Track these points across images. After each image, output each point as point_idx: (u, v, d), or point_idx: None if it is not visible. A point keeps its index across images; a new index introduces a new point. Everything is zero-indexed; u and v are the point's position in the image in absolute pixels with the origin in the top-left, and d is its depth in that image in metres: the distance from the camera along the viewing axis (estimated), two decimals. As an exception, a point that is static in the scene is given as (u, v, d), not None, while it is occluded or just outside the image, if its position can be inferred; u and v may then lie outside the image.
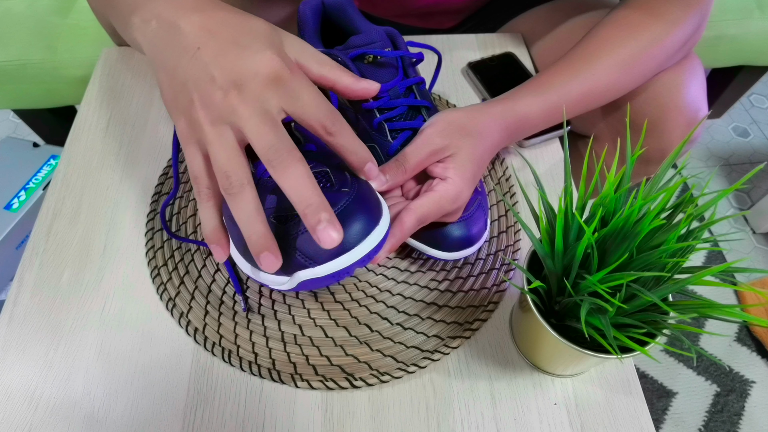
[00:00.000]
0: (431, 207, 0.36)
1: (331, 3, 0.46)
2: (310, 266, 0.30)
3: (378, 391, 0.39)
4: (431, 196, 0.37)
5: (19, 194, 0.94)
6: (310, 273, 0.30)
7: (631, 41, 0.46)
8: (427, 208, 0.36)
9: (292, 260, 0.30)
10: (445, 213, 0.38)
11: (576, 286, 0.32)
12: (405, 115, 0.42)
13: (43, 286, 0.43)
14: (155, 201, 0.48)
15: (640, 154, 0.57)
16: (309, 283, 0.31)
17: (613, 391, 0.40)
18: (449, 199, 0.37)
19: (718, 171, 1.25)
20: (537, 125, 0.44)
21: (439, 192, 0.37)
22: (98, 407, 0.38)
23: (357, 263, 0.31)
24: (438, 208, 0.37)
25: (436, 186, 0.37)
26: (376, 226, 0.31)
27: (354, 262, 0.30)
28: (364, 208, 0.31)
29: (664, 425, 0.91)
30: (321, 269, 0.30)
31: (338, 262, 0.30)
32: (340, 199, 0.31)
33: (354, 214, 0.31)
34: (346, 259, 0.30)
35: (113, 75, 0.58)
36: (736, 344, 1.00)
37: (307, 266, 0.30)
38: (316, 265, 0.30)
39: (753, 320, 0.27)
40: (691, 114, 0.52)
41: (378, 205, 0.33)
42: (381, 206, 0.33)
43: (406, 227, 0.36)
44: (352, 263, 0.30)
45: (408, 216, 0.36)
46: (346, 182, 0.33)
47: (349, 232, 0.30)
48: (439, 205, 0.37)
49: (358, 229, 0.30)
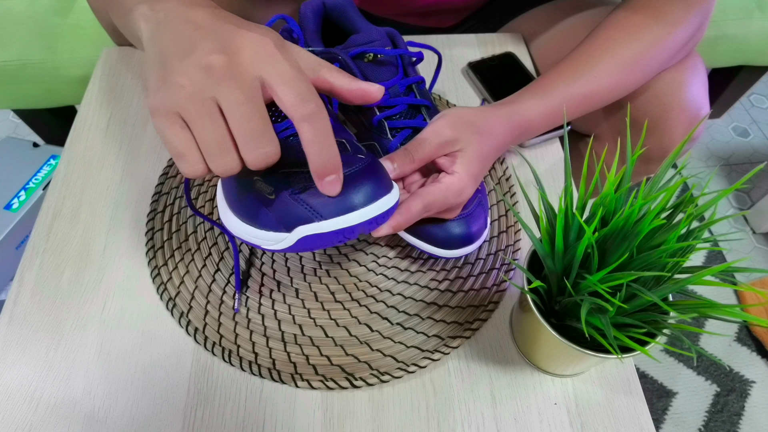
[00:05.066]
0: (437, 196, 0.37)
1: (332, 4, 0.46)
2: (315, 220, 0.30)
3: (378, 391, 0.39)
4: (438, 186, 0.37)
5: (19, 194, 0.94)
6: (314, 228, 0.30)
7: (633, 42, 0.46)
8: (433, 196, 0.36)
9: (296, 214, 0.30)
10: (449, 206, 0.38)
11: (576, 285, 0.32)
12: (405, 113, 0.42)
13: (43, 286, 0.43)
14: (155, 201, 0.48)
15: (641, 153, 0.57)
16: (309, 240, 0.30)
17: (613, 391, 0.40)
18: (454, 192, 0.37)
19: (718, 171, 1.25)
20: (540, 128, 0.45)
21: (446, 184, 0.37)
22: (98, 407, 0.38)
23: (362, 224, 0.30)
24: (443, 199, 0.37)
25: (442, 178, 0.38)
26: (386, 193, 0.31)
27: (360, 222, 0.30)
28: (376, 174, 0.31)
29: (664, 425, 0.91)
30: (326, 224, 0.30)
31: (345, 218, 0.30)
32: (355, 162, 0.31)
33: (366, 176, 0.31)
34: (352, 218, 0.30)
35: (113, 75, 0.58)
36: (736, 344, 1.00)
37: (312, 220, 0.30)
38: (321, 220, 0.30)
39: (753, 320, 0.27)
40: (692, 113, 0.52)
41: (389, 178, 0.33)
42: (391, 181, 0.34)
43: (412, 209, 0.36)
44: (358, 223, 0.30)
45: (414, 200, 0.36)
46: (362, 151, 0.33)
47: (359, 192, 0.30)
48: (445, 197, 0.37)
49: (368, 191, 0.30)
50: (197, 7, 0.31)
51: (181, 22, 0.30)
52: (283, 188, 0.31)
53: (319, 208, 0.30)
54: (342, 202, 0.30)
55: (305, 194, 0.30)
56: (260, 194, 0.32)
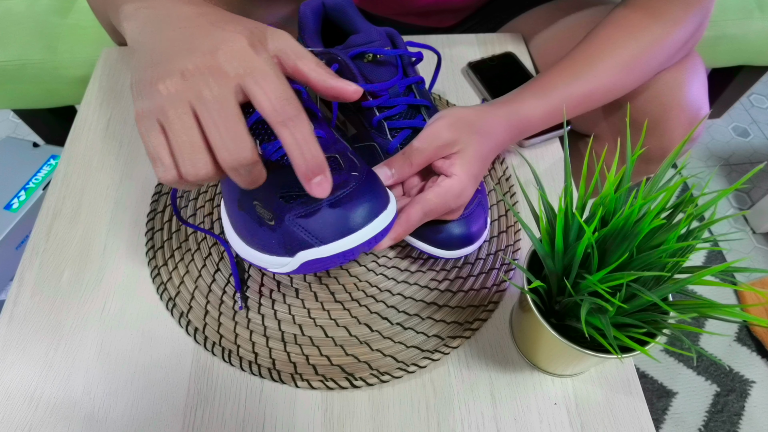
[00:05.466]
0: (437, 201, 0.36)
1: (332, 4, 0.46)
2: (315, 245, 0.30)
3: (378, 391, 0.39)
4: (437, 190, 0.37)
5: (19, 194, 0.94)
6: (314, 252, 0.30)
7: (632, 42, 0.46)
8: (433, 202, 0.36)
9: (296, 239, 0.30)
10: (449, 209, 0.38)
11: (576, 285, 0.32)
12: (404, 113, 0.42)
13: (43, 286, 0.43)
14: (155, 201, 0.48)
15: (641, 153, 0.57)
16: (311, 264, 0.31)
17: (613, 391, 0.40)
18: (454, 194, 0.37)
19: (718, 171, 1.25)
20: (539, 126, 0.45)
21: (445, 187, 0.37)
22: (98, 407, 0.38)
23: (362, 245, 0.31)
24: (443, 203, 0.37)
25: (441, 182, 0.37)
26: (383, 210, 0.31)
27: (360, 243, 0.30)
28: (372, 191, 0.31)
29: (664, 425, 0.91)
30: (326, 249, 0.30)
31: (344, 242, 0.30)
32: (349, 181, 0.31)
33: (362, 196, 0.31)
34: (352, 240, 0.30)
35: (113, 75, 0.58)
36: (736, 344, 1.00)
37: (312, 245, 0.30)
38: (321, 245, 0.30)
39: (753, 320, 0.27)
40: (692, 112, 0.52)
41: (385, 192, 0.33)
42: (388, 194, 0.34)
43: (412, 219, 0.36)
44: (358, 245, 0.30)
45: (413, 208, 0.36)
46: (356, 167, 0.33)
47: (356, 213, 0.30)
48: (444, 200, 0.37)
49: (365, 211, 0.30)
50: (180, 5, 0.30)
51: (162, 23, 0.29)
52: (283, 213, 0.31)
53: (318, 233, 0.30)
54: (340, 225, 0.30)
55: (303, 219, 0.30)
56: (261, 220, 0.32)
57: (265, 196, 0.32)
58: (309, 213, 0.30)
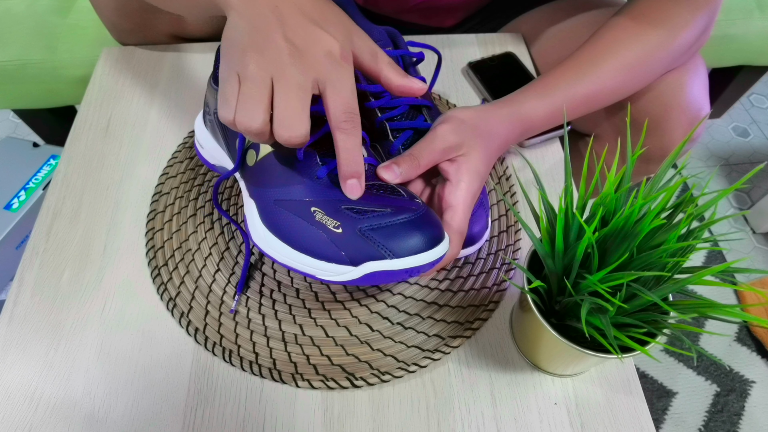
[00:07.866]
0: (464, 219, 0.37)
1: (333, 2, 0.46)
2: (387, 258, 0.31)
3: (378, 391, 0.39)
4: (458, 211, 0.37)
5: (19, 194, 0.94)
6: (384, 264, 0.31)
7: (637, 44, 0.45)
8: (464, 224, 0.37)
9: (366, 250, 0.31)
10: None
11: (576, 285, 0.32)
12: (406, 114, 0.42)
13: (43, 286, 0.43)
14: (155, 201, 0.48)
15: (641, 153, 0.57)
16: (375, 275, 0.32)
17: (613, 391, 0.40)
18: (471, 203, 0.38)
19: (718, 171, 1.25)
20: (542, 127, 0.45)
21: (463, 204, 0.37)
22: (98, 407, 0.38)
23: (427, 265, 0.32)
24: (467, 217, 0.38)
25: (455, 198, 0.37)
26: (444, 238, 0.33)
27: (428, 262, 0.32)
28: (435, 218, 0.34)
29: (664, 425, 0.91)
30: (398, 262, 0.31)
31: (415, 258, 0.31)
32: (418, 208, 0.33)
33: (431, 220, 0.33)
34: (421, 258, 0.31)
35: (113, 75, 0.58)
36: (736, 344, 1.00)
37: (384, 257, 0.31)
38: (393, 258, 0.31)
39: (753, 320, 0.27)
40: (693, 113, 0.52)
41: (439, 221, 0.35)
42: None
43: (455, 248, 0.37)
44: (426, 263, 0.32)
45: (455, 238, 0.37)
46: (414, 196, 0.35)
47: (427, 235, 0.32)
48: (468, 215, 0.38)
49: (434, 233, 0.32)
50: None
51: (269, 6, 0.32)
52: (354, 224, 0.32)
53: (392, 247, 0.31)
54: (414, 243, 0.31)
55: (378, 232, 0.31)
56: (323, 226, 0.33)
57: (326, 205, 0.33)
58: (384, 226, 0.32)
